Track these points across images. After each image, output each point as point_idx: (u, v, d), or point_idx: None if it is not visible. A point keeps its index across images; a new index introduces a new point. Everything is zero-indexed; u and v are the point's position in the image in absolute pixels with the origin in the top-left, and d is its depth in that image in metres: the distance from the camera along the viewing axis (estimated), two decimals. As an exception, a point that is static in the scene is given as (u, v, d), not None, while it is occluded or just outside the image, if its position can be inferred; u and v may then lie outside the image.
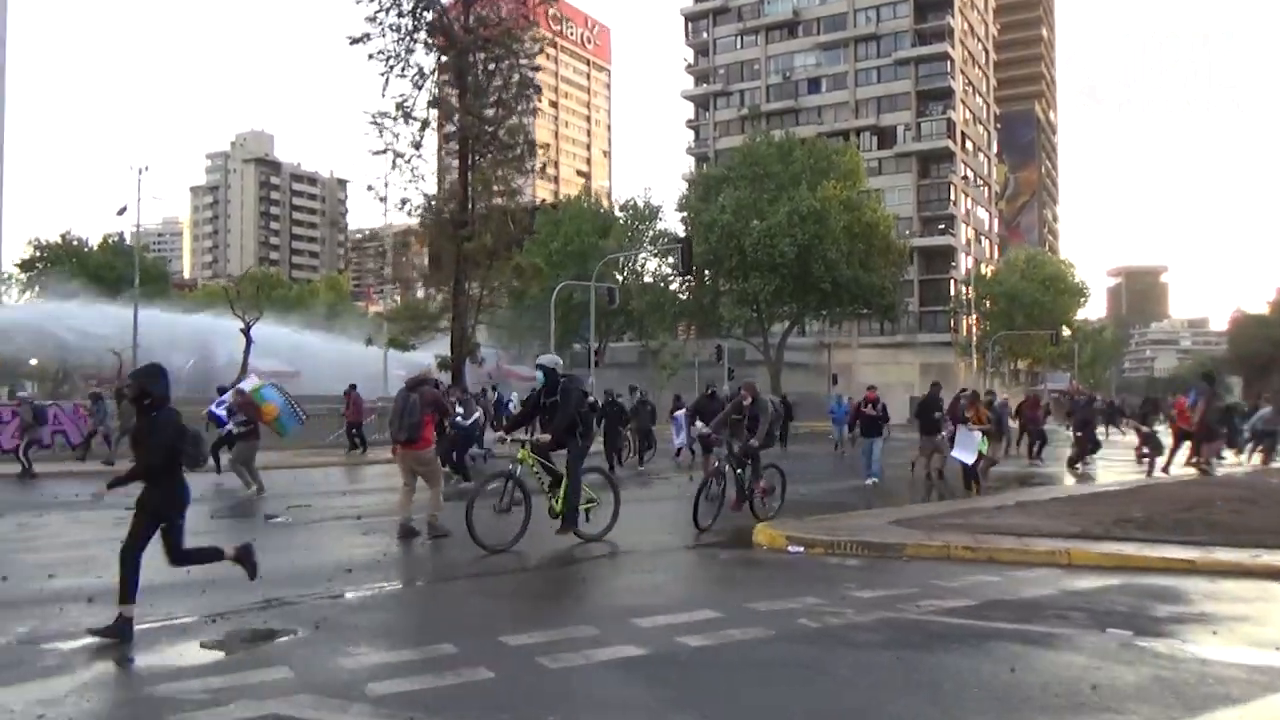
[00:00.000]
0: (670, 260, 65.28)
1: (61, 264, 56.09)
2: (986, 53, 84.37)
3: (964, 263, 76.18)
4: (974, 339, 62.29)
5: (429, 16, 24.68)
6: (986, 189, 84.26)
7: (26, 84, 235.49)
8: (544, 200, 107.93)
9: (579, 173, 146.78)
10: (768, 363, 60.94)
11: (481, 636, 5.68)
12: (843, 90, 76.63)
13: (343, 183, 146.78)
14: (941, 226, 74.86)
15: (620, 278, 64.29)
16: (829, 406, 24.99)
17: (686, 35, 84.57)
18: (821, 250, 55.08)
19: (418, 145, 24.35)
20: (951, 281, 74.16)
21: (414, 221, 28.12)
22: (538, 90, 24.78)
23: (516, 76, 24.25)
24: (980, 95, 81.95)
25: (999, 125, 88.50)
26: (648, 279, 66.71)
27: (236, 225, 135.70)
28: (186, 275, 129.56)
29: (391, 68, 25.64)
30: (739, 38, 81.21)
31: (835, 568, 8.37)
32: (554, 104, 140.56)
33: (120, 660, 5.35)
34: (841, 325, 66.76)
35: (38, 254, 56.45)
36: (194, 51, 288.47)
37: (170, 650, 5.55)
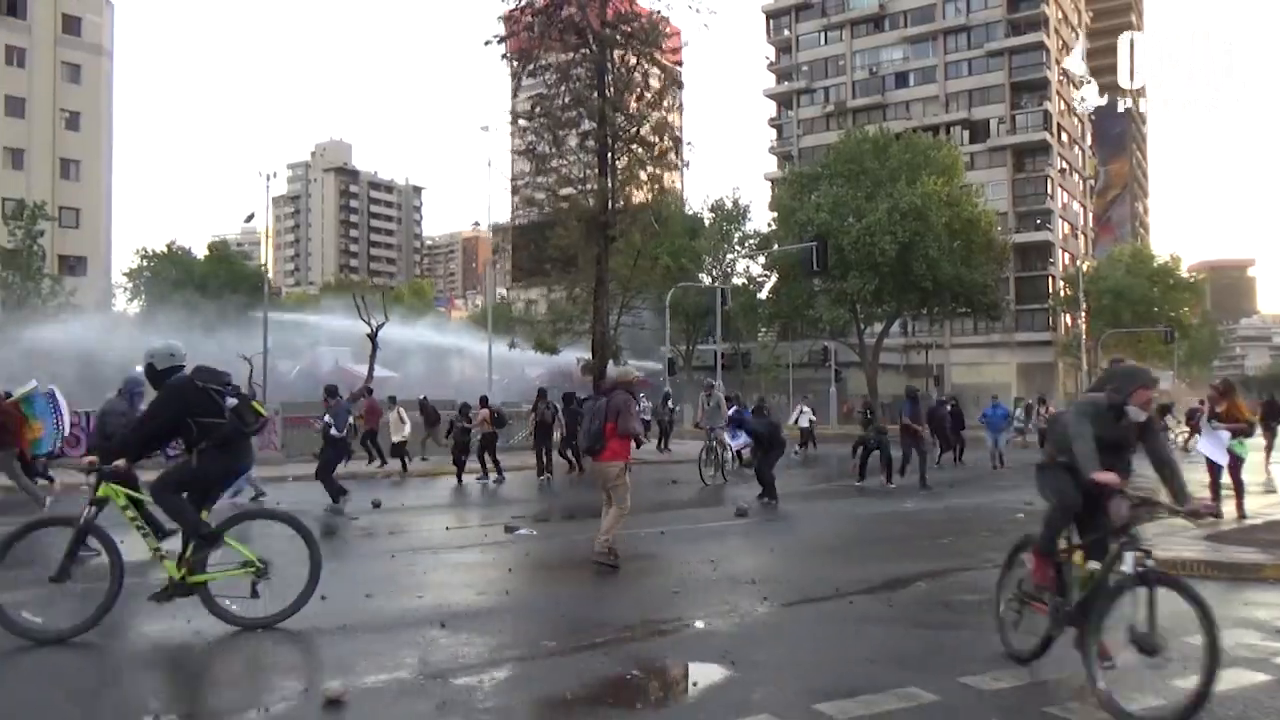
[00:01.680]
0: (762, 260, 64.72)
1: (166, 273, 57.32)
2: (1081, 42, 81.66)
3: (1061, 259, 73.83)
4: (1082, 338, 60.06)
5: (567, 11, 24.27)
6: (1081, 182, 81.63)
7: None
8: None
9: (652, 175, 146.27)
10: (864, 364, 59.75)
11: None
12: (932, 84, 74.83)
13: (418, 189, 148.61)
14: (1038, 221, 72.55)
15: (709, 279, 63.68)
16: (983, 411, 23.23)
17: (768, 32, 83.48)
18: (923, 248, 53.73)
19: (558, 144, 24.02)
20: (1050, 278, 71.88)
21: (483, 229, 27.84)
22: (681, 85, 24.21)
23: (660, 72, 23.76)
24: (1076, 86, 79.29)
25: (1092, 117, 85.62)
26: (738, 280, 65.88)
27: (317, 233, 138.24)
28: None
29: (523, 68, 25.36)
30: (823, 33, 79.86)
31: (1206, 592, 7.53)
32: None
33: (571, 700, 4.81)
34: (942, 324, 65.10)
35: (144, 263, 57.81)
36: (274, 63, 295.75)
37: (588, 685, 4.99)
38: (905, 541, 10.67)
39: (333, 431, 14.30)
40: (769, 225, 65.61)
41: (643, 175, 24.00)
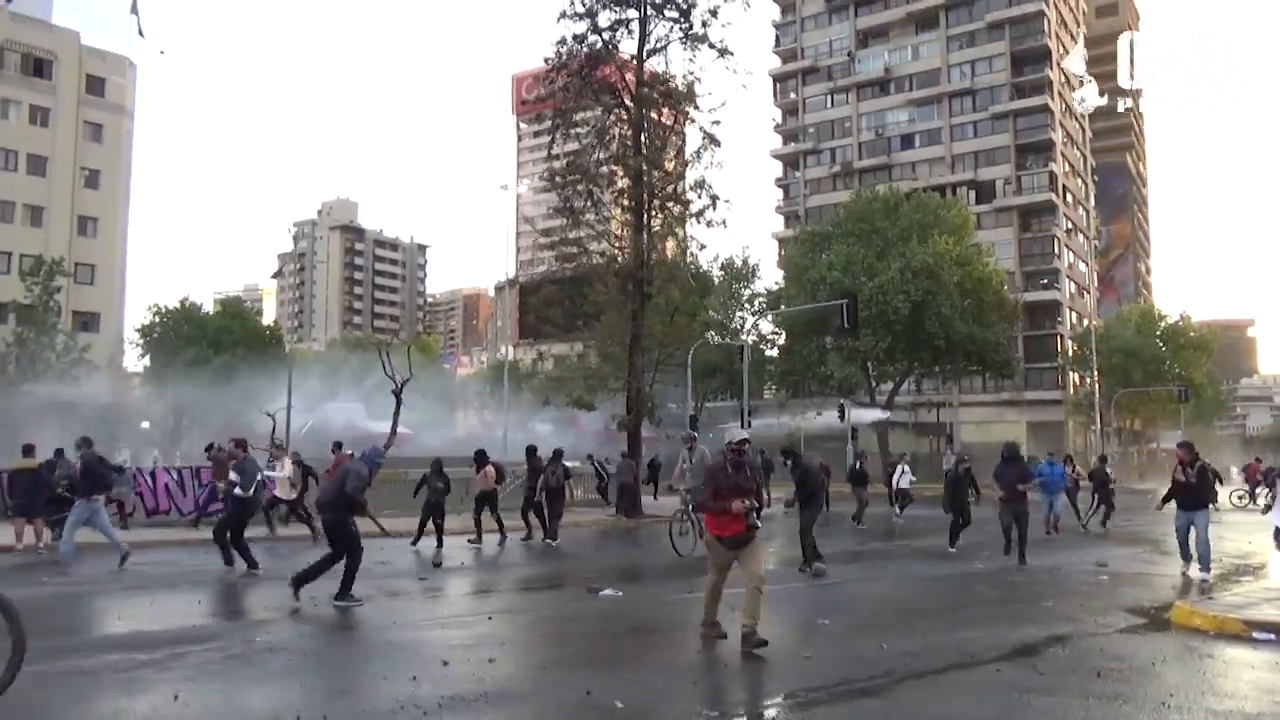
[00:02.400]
0: (769, 318, 64.90)
1: (179, 329, 57.16)
2: (1079, 43, 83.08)
3: (1069, 317, 74.12)
4: (1095, 396, 60.00)
5: (603, 72, 24.53)
6: (1086, 242, 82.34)
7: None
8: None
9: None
10: (875, 422, 59.52)
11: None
12: (938, 145, 75.89)
13: (423, 248, 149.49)
14: (1044, 281, 73.13)
15: (718, 338, 63.83)
16: (1037, 469, 21.47)
17: (775, 95, 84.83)
18: (935, 306, 54.02)
19: (594, 201, 24.12)
20: (1059, 337, 72.04)
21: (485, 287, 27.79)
22: (718, 144, 24.37)
23: (700, 132, 23.95)
24: (1078, 147, 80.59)
25: (1095, 178, 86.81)
26: (747, 338, 65.90)
27: (322, 290, 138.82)
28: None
29: (558, 126, 25.59)
30: (829, 96, 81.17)
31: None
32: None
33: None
34: (955, 383, 65.10)
35: (157, 320, 57.66)
36: (283, 123, 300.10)
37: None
38: (1002, 604, 10.39)
39: (237, 490, 12.52)
40: (776, 284, 65.96)
41: (680, 232, 24.11)
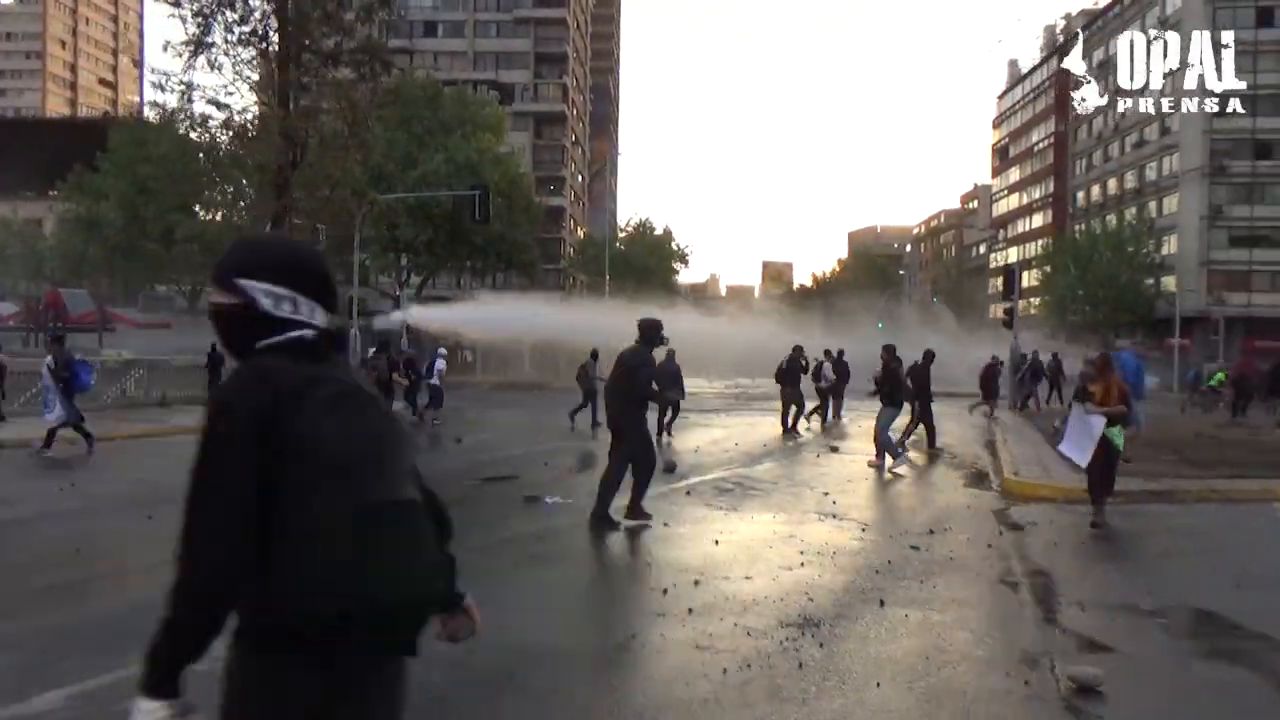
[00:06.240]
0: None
1: None
2: (587, 24, 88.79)
3: (569, 224, 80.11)
4: (606, 299, 66.13)
5: None
6: (583, 155, 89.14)
7: None
8: (108, 112, 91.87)
9: (102, 81, 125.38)
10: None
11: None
12: (461, 39, 75.57)
13: None
14: (552, 188, 77.84)
15: (212, 215, 57.64)
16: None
17: (283, -49, 76.50)
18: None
19: (237, 40, 19.88)
20: (562, 241, 77.57)
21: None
22: (388, 3, 21.45)
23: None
24: (582, 65, 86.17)
25: (592, 95, 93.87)
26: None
27: None
28: None
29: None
30: (346, -37, 75.65)
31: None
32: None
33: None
34: (482, 279, 66.81)
35: None
36: None
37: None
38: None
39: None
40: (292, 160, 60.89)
41: (353, 96, 20.85)
